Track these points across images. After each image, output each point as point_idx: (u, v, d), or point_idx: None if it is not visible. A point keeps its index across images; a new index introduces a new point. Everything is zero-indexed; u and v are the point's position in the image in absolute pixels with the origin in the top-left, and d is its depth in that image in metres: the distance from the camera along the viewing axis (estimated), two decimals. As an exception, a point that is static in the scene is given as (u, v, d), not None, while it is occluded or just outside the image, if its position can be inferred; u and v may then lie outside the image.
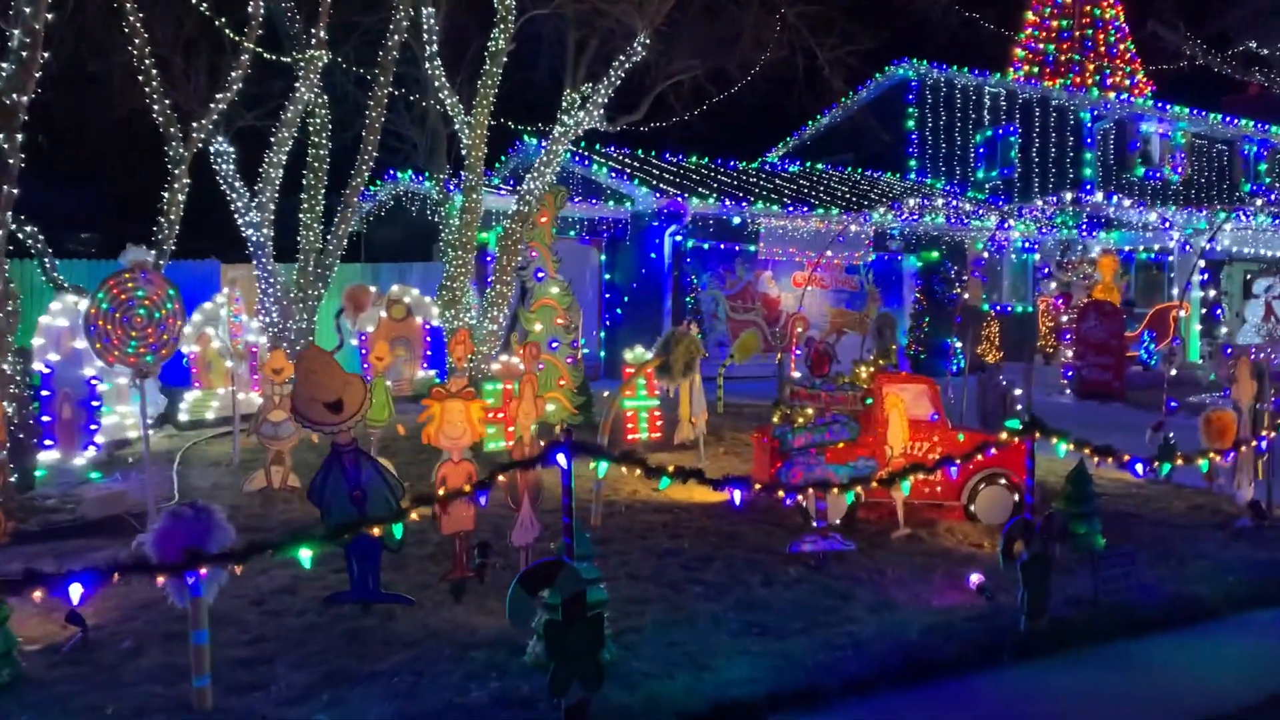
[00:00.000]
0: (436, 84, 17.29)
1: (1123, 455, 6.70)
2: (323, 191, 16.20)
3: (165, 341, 7.80)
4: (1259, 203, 21.42)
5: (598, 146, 24.10)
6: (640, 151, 24.67)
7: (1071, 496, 8.34)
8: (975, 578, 6.68)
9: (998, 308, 23.90)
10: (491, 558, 6.69)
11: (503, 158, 24.57)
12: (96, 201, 30.73)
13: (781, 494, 5.80)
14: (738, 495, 5.32)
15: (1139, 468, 6.81)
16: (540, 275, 12.04)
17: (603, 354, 20.52)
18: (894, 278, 23.35)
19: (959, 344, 18.84)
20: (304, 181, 16.06)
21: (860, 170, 28.80)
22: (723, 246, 21.03)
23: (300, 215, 16.04)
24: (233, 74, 14.38)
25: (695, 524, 8.69)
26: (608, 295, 21.16)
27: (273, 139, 15.17)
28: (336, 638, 5.77)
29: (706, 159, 25.48)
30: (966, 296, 21.21)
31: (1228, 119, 28.42)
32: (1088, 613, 6.55)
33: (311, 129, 16.17)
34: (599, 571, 5.30)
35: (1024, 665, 5.94)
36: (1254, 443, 8.05)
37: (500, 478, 5.03)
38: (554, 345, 12.08)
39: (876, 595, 6.77)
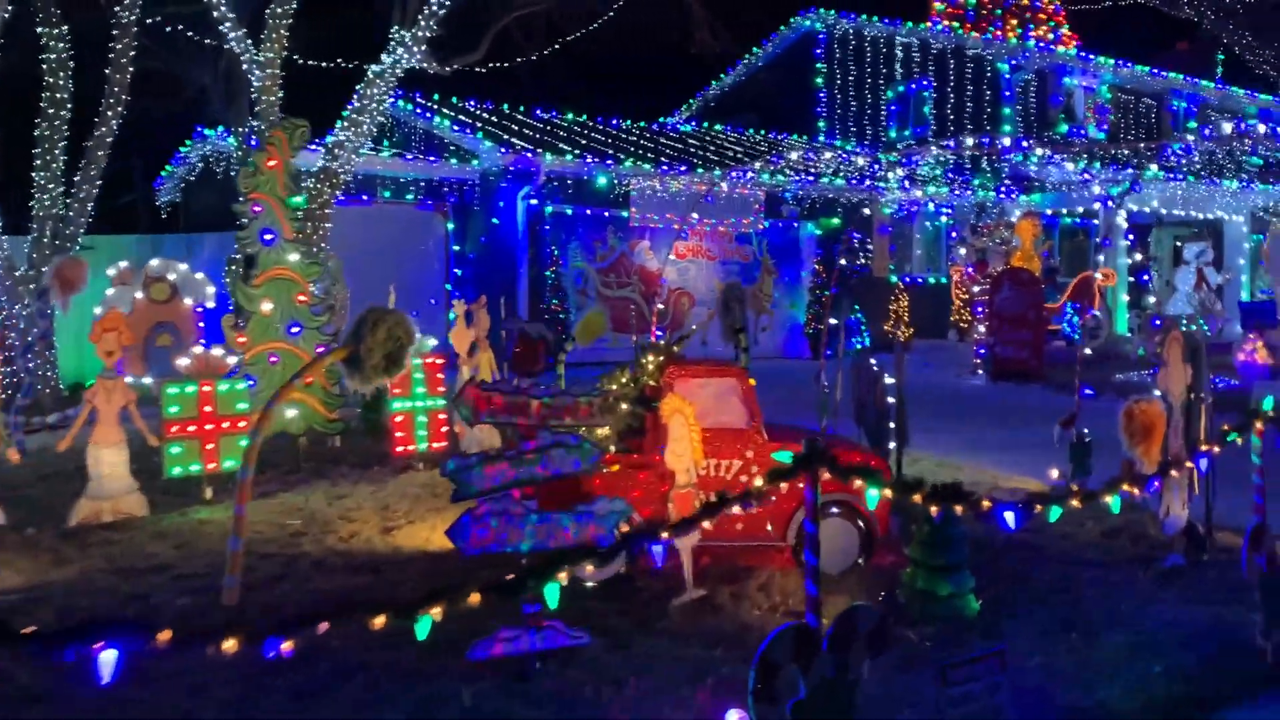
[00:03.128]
0: (216, 14, 14.25)
1: (981, 502, 4.05)
2: (62, 145, 13.10)
3: None
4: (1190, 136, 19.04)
5: (454, 99, 21.02)
6: (506, 108, 21.62)
7: (929, 542, 5.78)
8: (734, 716, 3.93)
9: (907, 279, 21.45)
10: None
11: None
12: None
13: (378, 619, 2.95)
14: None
15: (1009, 518, 4.16)
16: (269, 238, 9.11)
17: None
18: (791, 247, 20.73)
19: (861, 318, 16.47)
20: (37, 133, 12.96)
21: (764, 132, 26.12)
22: (589, 212, 18.21)
23: (33, 174, 12.95)
24: None
25: (395, 589, 5.91)
26: (457, 270, 18.25)
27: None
28: None
29: (585, 117, 22.55)
30: (845, 263, 18.70)
31: (1156, 71, 26.34)
32: (924, 765, 3.95)
33: (46, 67, 13.04)
34: None
35: None
36: (1187, 461, 5.51)
37: None
38: (295, 331, 9.20)
39: (581, 745, 4.05)
